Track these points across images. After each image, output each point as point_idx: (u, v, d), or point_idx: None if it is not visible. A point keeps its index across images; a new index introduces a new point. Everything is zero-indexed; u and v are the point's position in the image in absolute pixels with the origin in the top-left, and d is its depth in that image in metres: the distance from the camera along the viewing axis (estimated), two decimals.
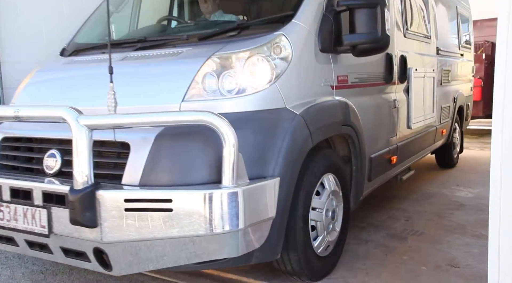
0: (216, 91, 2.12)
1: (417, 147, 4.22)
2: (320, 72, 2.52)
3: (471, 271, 2.70)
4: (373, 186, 3.26)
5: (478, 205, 4.03)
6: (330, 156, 2.61)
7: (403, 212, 3.88)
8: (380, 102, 3.29)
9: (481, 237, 3.23)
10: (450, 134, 5.39)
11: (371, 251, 3.03)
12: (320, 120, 2.40)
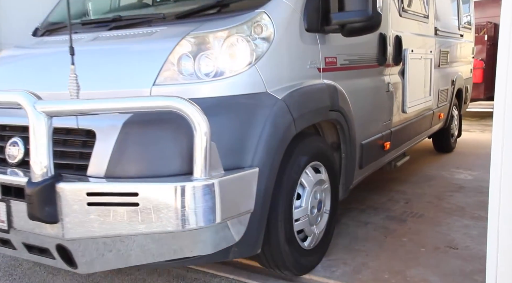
0: (192, 74, 1.93)
1: (412, 132, 4.03)
2: (305, 54, 2.32)
3: (470, 252, 2.70)
4: (364, 174, 3.10)
5: (478, 188, 4.01)
6: (316, 143, 2.43)
7: (402, 195, 3.86)
8: (372, 85, 3.09)
9: (480, 219, 3.22)
10: (448, 118, 5.19)
11: (370, 233, 3.04)
12: (305, 105, 2.21)
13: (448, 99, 5.03)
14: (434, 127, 4.75)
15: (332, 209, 2.62)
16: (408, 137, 3.93)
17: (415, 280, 2.39)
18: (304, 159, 2.28)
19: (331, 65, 2.52)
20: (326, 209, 2.56)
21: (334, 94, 2.50)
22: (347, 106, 2.62)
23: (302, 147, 2.26)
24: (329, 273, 2.49)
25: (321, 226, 2.52)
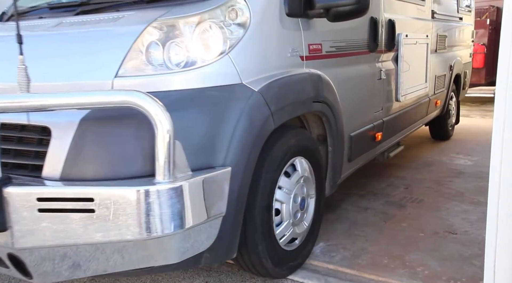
0: (159, 65, 1.75)
1: (407, 121, 3.82)
2: (286, 41, 2.12)
3: (468, 237, 2.70)
4: (354, 167, 2.92)
5: (477, 173, 3.97)
6: (299, 137, 2.22)
7: (402, 180, 3.83)
8: (362, 73, 2.87)
9: (479, 204, 3.21)
10: (445, 104, 4.95)
11: (370, 218, 3.03)
12: (284, 97, 2.02)
13: (446, 85, 4.81)
14: (431, 115, 4.55)
15: (317, 206, 2.43)
16: (402, 126, 3.73)
17: (414, 264, 2.38)
18: (285, 155, 2.09)
19: (315, 52, 2.32)
20: (310, 207, 2.38)
21: (318, 84, 2.30)
22: (333, 96, 2.43)
23: (283, 142, 2.07)
24: (328, 258, 2.48)
25: (304, 226, 2.34)
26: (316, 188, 2.41)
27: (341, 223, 2.96)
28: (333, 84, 2.43)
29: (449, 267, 2.36)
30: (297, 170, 2.22)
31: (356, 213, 3.14)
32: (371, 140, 3.06)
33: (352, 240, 2.71)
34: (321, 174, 2.45)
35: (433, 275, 2.29)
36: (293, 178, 2.19)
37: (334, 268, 2.38)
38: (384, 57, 3.17)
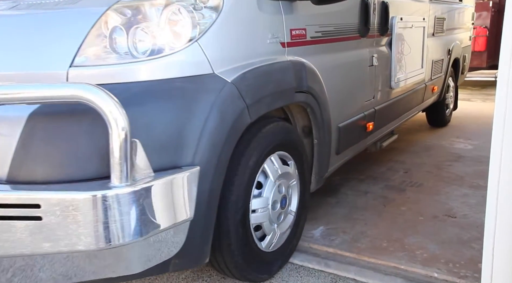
0: (122, 53, 1.57)
1: (401, 109, 3.61)
2: (265, 26, 1.92)
3: (467, 220, 2.70)
4: (343, 159, 2.75)
5: (477, 157, 3.95)
6: (281, 130, 2.04)
7: (402, 164, 3.80)
8: (351, 60, 2.66)
9: (479, 188, 3.20)
10: (443, 90, 4.73)
11: (369, 202, 3.02)
12: (262, 88, 1.83)
13: (443, 70, 4.57)
14: (427, 102, 4.35)
15: (301, 206, 2.25)
16: (396, 115, 3.51)
17: (413, 247, 2.38)
18: (264, 151, 1.91)
19: (298, 38, 2.12)
20: (292, 208, 2.20)
21: (301, 73, 2.10)
22: (318, 85, 2.23)
23: (262, 136, 1.89)
24: (328, 242, 2.49)
25: (285, 226, 2.16)
26: (300, 184, 2.22)
27: (341, 207, 2.97)
28: (318, 73, 2.23)
29: (447, 250, 2.36)
30: (277, 167, 2.03)
31: (355, 197, 3.14)
32: (362, 130, 2.87)
33: (352, 224, 2.72)
34: (305, 169, 2.26)
35: (431, 258, 2.29)
36: (274, 175, 2.00)
37: (334, 251, 2.38)
38: (376, 42, 2.95)
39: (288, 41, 2.04)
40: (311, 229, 2.66)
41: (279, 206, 2.06)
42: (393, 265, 2.23)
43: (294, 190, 2.20)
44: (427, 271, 2.17)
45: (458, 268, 2.19)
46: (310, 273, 2.20)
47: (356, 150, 2.94)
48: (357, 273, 2.18)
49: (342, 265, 2.25)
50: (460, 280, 2.09)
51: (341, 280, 2.14)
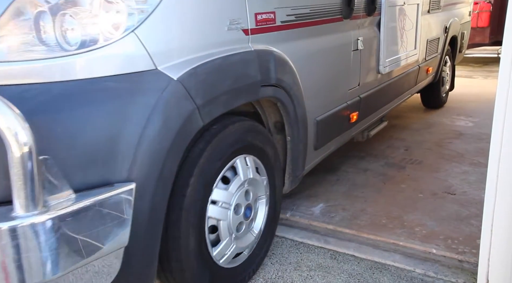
0: (44, 45, 1.29)
1: (390, 95, 3.37)
2: (222, 10, 1.63)
3: (467, 197, 2.72)
4: (323, 154, 2.52)
5: (478, 134, 3.94)
6: (244, 130, 1.80)
7: (402, 142, 3.81)
8: (332, 45, 2.37)
9: (479, 165, 3.21)
10: (438, 71, 4.50)
11: (369, 179, 3.04)
12: (217, 85, 1.58)
13: (440, 49, 4.33)
14: (421, 84, 4.13)
15: (271, 210, 2.03)
16: (384, 101, 3.26)
17: (412, 224, 2.40)
18: (223, 155, 1.69)
19: (266, 23, 1.84)
20: (260, 213, 1.99)
21: (268, 64, 1.83)
22: (290, 77, 1.98)
23: (220, 140, 1.66)
24: (328, 219, 2.52)
25: (251, 237, 1.94)
26: (270, 188, 2.02)
27: (341, 185, 2.99)
28: (291, 62, 1.98)
29: (446, 226, 2.39)
30: (238, 174, 1.79)
31: (355, 174, 3.16)
32: (344, 121, 2.64)
33: (351, 201, 2.74)
34: (275, 171, 2.04)
35: (430, 234, 2.31)
36: (235, 184, 1.77)
37: (334, 228, 2.41)
38: (362, 24, 2.68)
39: (252, 28, 1.76)
40: (311, 207, 2.69)
41: (242, 212, 1.82)
42: (392, 242, 2.26)
43: (261, 196, 1.97)
44: (425, 247, 2.20)
45: (457, 244, 2.22)
46: (310, 250, 2.23)
47: (338, 143, 2.70)
48: (356, 250, 2.21)
49: (342, 242, 2.28)
50: (458, 256, 2.12)
51: (340, 256, 2.17)
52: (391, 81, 3.24)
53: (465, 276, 1.97)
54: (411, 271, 2.03)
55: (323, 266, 2.09)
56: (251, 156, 1.86)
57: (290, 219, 2.54)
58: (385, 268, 2.06)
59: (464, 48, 5.36)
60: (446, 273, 2.00)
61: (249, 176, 1.83)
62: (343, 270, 2.05)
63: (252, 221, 1.94)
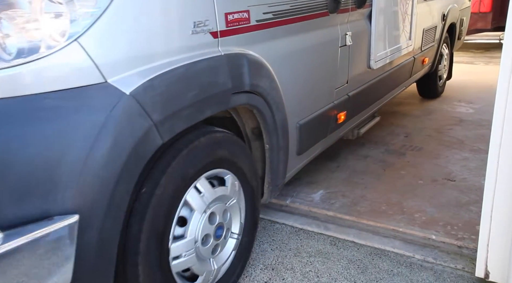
0: None
1: (383, 90, 3.19)
2: (185, 11, 1.43)
3: (467, 184, 2.72)
4: (308, 158, 2.35)
5: (478, 121, 3.93)
6: (214, 143, 1.60)
7: (402, 128, 3.80)
8: (316, 42, 2.18)
9: (479, 152, 3.22)
10: (435, 61, 4.35)
11: (369, 166, 3.05)
12: (179, 97, 1.39)
13: (437, 38, 4.15)
14: (416, 76, 3.97)
15: (246, 228, 1.87)
16: (376, 97, 3.10)
17: (412, 211, 2.41)
18: (188, 174, 1.50)
19: (238, 24, 1.64)
20: (234, 231, 1.82)
21: (241, 69, 1.65)
22: (268, 81, 1.80)
23: (185, 157, 1.47)
24: (328, 205, 2.53)
25: (223, 256, 1.77)
26: (246, 202, 1.85)
27: (341, 171, 3.00)
28: (268, 65, 1.80)
29: (446, 213, 2.39)
30: (202, 193, 1.59)
31: (355, 161, 3.16)
32: (331, 122, 2.45)
33: (351, 188, 2.75)
34: (252, 183, 1.86)
35: (430, 220, 2.32)
36: (203, 201, 1.58)
37: (333, 214, 2.41)
38: (351, 17, 2.48)
39: (222, 30, 1.57)
40: (311, 193, 2.70)
41: (213, 239, 1.64)
42: (392, 228, 2.27)
43: (235, 213, 1.79)
44: (425, 233, 2.21)
45: (456, 230, 2.24)
46: (310, 236, 2.24)
47: (325, 144, 2.53)
48: (356, 236, 2.22)
49: (342, 228, 2.29)
50: (458, 242, 2.13)
51: (340, 242, 2.18)
52: (383, 75, 3.07)
53: (464, 262, 1.99)
54: (411, 257, 2.05)
55: (323, 252, 2.10)
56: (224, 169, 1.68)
57: (290, 205, 2.55)
58: (385, 254, 2.08)
59: (463, 35, 5.20)
60: (445, 258, 2.02)
61: (222, 192, 1.66)
62: (342, 256, 2.07)
63: (224, 243, 1.75)
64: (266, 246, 2.16)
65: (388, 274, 1.93)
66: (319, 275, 1.94)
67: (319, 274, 1.95)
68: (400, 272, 1.94)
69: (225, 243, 1.76)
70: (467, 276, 1.90)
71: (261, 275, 1.96)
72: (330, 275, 1.93)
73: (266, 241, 2.21)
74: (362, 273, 1.94)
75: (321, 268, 1.98)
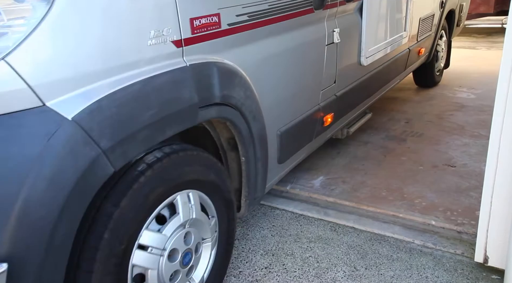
0: None
1: (374, 86, 3.04)
2: (140, 20, 1.22)
3: (467, 170, 2.72)
4: (291, 165, 2.20)
5: (479, 106, 3.90)
6: (181, 162, 1.42)
7: (403, 114, 3.79)
8: (299, 42, 1.99)
9: (480, 137, 3.21)
10: (432, 50, 4.20)
11: (370, 152, 3.05)
12: (133, 119, 1.20)
13: (434, 27, 3.99)
14: (411, 68, 3.83)
15: (220, 249, 1.69)
16: (366, 95, 2.95)
17: (412, 196, 2.41)
18: (148, 202, 1.32)
19: (207, 29, 1.45)
20: (205, 258, 1.62)
21: (210, 79, 1.47)
22: (242, 90, 1.62)
23: (144, 182, 1.28)
24: (328, 191, 2.53)
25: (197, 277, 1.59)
26: (219, 222, 1.67)
27: (341, 157, 3.00)
28: (243, 72, 1.63)
29: (446, 198, 2.39)
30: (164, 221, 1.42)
31: (356, 147, 3.16)
32: (317, 126, 2.29)
33: (352, 174, 2.75)
34: (227, 200, 1.68)
35: (430, 206, 2.32)
36: (169, 228, 1.41)
37: (334, 200, 2.41)
38: (339, 12, 2.30)
39: (187, 37, 1.38)
40: (311, 179, 2.70)
41: (179, 259, 1.45)
42: (392, 214, 2.28)
43: (206, 239, 1.61)
44: (425, 219, 2.22)
45: (456, 216, 2.25)
46: (310, 222, 2.26)
47: (311, 148, 2.38)
48: (356, 222, 2.23)
49: (342, 214, 2.31)
50: (457, 227, 2.14)
51: (340, 228, 2.19)
52: (375, 71, 2.91)
53: (463, 247, 2.00)
54: (410, 243, 2.06)
55: (323, 238, 2.11)
56: (195, 190, 1.51)
57: (290, 191, 2.56)
58: (385, 239, 2.09)
59: (462, 21, 5.02)
60: (445, 244, 2.03)
61: (192, 215, 1.49)
62: (342, 242, 2.08)
63: (193, 268, 1.58)
64: (266, 232, 2.17)
65: (387, 260, 1.94)
66: (319, 261, 1.95)
67: (319, 259, 1.96)
68: (399, 257, 1.96)
69: (194, 269, 1.59)
70: (467, 261, 1.91)
71: (261, 260, 1.97)
72: (330, 261, 1.95)
73: (266, 227, 2.23)
74: (362, 258, 1.96)
75: (321, 254, 2.00)
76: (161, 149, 1.37)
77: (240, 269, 1.93)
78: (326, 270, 1.89)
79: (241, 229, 2.22)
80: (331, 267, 1.91)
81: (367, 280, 1.82)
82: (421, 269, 1.88)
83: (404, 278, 1.83)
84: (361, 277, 1.85)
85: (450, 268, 1.88)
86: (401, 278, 1.83)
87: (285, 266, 1.93)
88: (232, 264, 1.96)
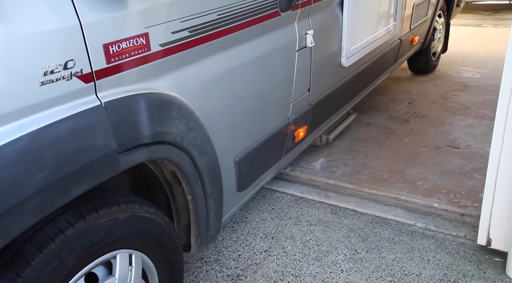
0: None
1: (358, 87, 2.77)
2: (26, 52, 0.95)
3: (471, 151, 2.71)
4: (257, 188, 1.99)
5: (484, 86, 3.86)
6: (99, 220, 1.17)
7: (406, 95, 3.75)
8: (261, 53, 1.72)
9: (484, 118, 3.18)
10: (427, 37, 3.95)
11: (372, 134, 3.03)
12: (15, 186, 0.95)
13: (430, 11, 3.74)
14: (403, 59, 3.59)
15: None
16: (348, 97, 2.68)
17: (414, 179, 2.41)
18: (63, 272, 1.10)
19: (130, 55, 1.18)
20: None
21: (134, 117, 1.20)
22: (183, 121, 1.36)
23: (50, 253, 1.07)
24: (328, 174, 2.53)
25: None
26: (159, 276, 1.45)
27: (342, 139, 2.98)
28: (184, 99, 1.37)
29: (449, 180, 2.39)
30: None
31: (357, 128, 3.13)
32: (287, 142, 2.06)
33: (353, 156, 2.75)
34: (168, 250, 1.45)
35: (432, 188, 2.33)
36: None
37: (334, 183, 2.42)
38: (314, 10, 2.03)
39: (100, 69, 1.11)
40: (312, 162, 2.70)
41: None
42: (394, 196, 2.29)
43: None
44: (427, 201, 2.23)
45: (459, 198, 2.25)
46: (310, 205, 2.26)
47: (280, 166, 2.15)
48: (357, 204, 2.24)
49: (342, 197, 2.31)
50: (460, 210, 2.15)
51: (341, 211, 2.20)
52: (359, 70, 2.65)
53: (466, 230, 2.02)
54: (412, 225, 2.07)
55: (323, 221, 2.12)
56: (126, 249, 1.29)
57: (290, 174, 2.56)
58: (386, 222, 2.10)
59: (462, 1, 4.73)
60: (447, 226, 2.04)
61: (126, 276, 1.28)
62: (343, 225, 2.09)
63: None
64: (266, 215, 2.18)
65: (389, 242, 1.96)
66: (320, 244, 1.96)
67: (319, 242, 1.97)
68: (401, 240, 1.97)
69: None
70: (469, 244, 1.92)
71: (261, 243, 1.98)
72: (330, 244, 1.96)
73: (266, 210, 2.23)
74: (363, 241, 1.97)
75: (321, 237, 2.01)
76: (77, 207, 1.15)
77: (239, 252, 1.94)
78: (327, 253, 1.91)
79: (241, 212, 2.23)
80: (332, 250, 1.92)
81: (368, 263, 1.84)
82: (423, 252, 1.89)
83: (405, 261, 1.84)
84: (362, 260, 1.86)
85: (452, 251, 1.89)
86: (402, 261, 1.84)
87: (285, 249, 1.94)
88: (231, 247, 1.97)
